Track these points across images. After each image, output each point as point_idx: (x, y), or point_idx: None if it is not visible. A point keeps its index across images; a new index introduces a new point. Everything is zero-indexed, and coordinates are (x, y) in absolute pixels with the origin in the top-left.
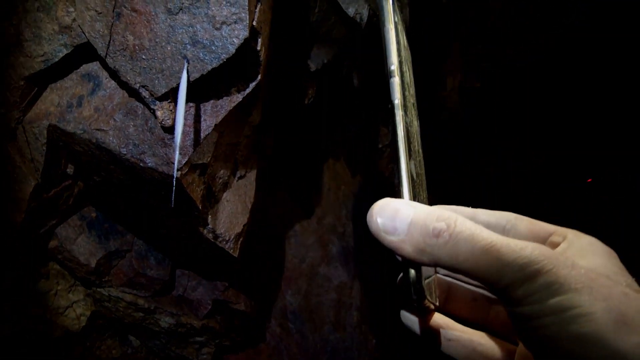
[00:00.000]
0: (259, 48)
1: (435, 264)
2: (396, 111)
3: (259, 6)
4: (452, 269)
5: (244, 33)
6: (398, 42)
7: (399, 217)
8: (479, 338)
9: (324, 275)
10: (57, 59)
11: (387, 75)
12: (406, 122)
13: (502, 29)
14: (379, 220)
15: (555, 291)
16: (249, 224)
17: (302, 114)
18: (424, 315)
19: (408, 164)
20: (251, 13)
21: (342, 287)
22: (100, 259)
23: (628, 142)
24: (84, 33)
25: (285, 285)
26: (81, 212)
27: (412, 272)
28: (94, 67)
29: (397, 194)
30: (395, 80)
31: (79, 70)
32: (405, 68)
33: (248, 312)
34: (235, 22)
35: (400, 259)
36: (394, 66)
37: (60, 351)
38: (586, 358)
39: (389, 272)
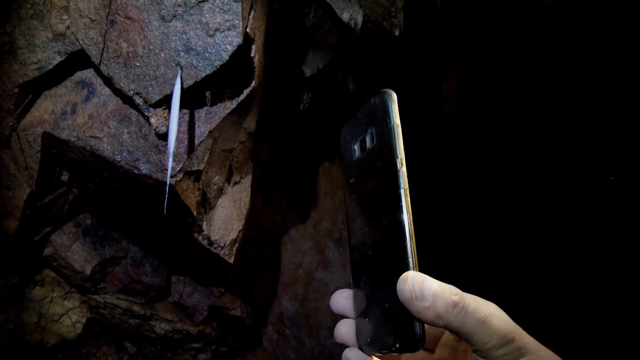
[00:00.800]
0: (252, 54)
1: (444, 327)
2: (403, 198)
3: (252, 13)
4: (455, 331)
5: (238, 40)
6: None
7: (425, 288)
8: None
9: (320, 281)
10: (51, 67)
11: (392, 165)
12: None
13: (500, 28)
14: (412, 289)
15: (523, 353)
16: (244, 230)
17: (297, 119)
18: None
19: (414, 244)
20: (245, 20)
21: None
22: (95, 266)
23: (628, 142)
24: (77, 40)
25: (282, 291)
26: (76, 219)
27: (419, 327)
28: (88, 74)
29: (402, 264)
30: (404, 171)
31: (73, 77)
32: None
33: (244, 317)
34: (228, 29)
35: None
36: (400, 158)
37: (56, 358)
38: None
39: None
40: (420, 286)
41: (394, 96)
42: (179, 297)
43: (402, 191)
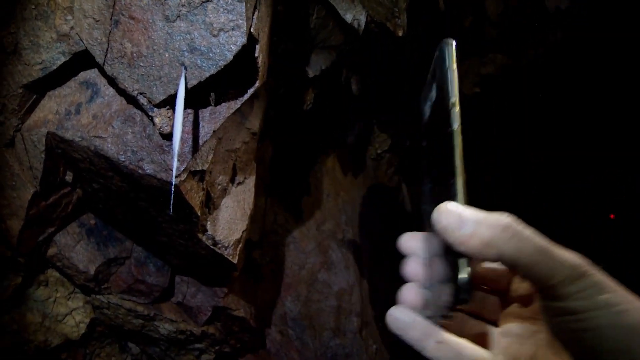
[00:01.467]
0: (256, 54)
1: (498, 258)
2: (455, 136)
3: (256, 13)
4: (512, 263)
5: (242, 40)
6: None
7: (465, 216)
8: (463, 342)
9: (323, 282)
10: (55, 67)
11: (446, 106)
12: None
13: (500, 28)
14: (448, 218)
15: (601, 290)
16: (248, 231)
17: (301, 120)
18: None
19: (463, 182)
20: (248, 20)
21: (342, 293)
22: (99, 266)
23: (627, 142)
24: (82, 41)
25: (285, 292)
26: (80, 220)
27: (464, 264)
28: (92, 74)
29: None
30: (455, 110)
31: (77, 77)
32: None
33: (248, 318)
34: (232, 29)
35: (450, 259)
36: (454, 99)
37: (59, 359)
38: (629, 345)
39: (388, 278)
40: (458, 213)
41: (451, 43)
42: (183, 298)
43: (453, 129)
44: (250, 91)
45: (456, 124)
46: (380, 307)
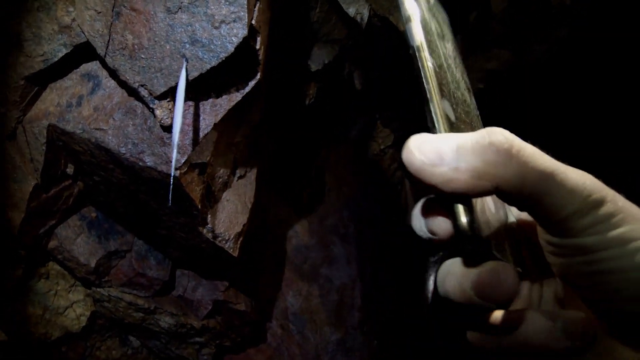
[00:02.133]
0: (258, 47)
1: (496, 189)
2: (418, 54)
3: (257, 5)
4: (514, 193)
5: (243, 32)
6: None
7: (442, 146)
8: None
9: (325, 276)
10: (56, 59)
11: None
12: (434, 65)
13: (504, 24)
14: (421, 154)
15: (619, 222)
16: (248, 224)
17: (302, 114)
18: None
19: (439, 103)
20: (250, 12)
21: (343, 288)
22: (100, 259)
23: (629, 142)
24: (83, 33)
25: (287, 286)
26: (81, 212)
27: (461, 208)
28: (94, 66)
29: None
30: (412, 25)
31: (78, 69)
32: (434, 23)
33: (249, 312)
34: (234, 21)
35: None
36: (409, 12)
37: (60, 351)
38: None
39: (390, 273)
40: (432, 145)
41: None
42: (183, 291)
43: (413, 47)
44: (252, 84)
45: (415, 40)
46: (381, 302)
